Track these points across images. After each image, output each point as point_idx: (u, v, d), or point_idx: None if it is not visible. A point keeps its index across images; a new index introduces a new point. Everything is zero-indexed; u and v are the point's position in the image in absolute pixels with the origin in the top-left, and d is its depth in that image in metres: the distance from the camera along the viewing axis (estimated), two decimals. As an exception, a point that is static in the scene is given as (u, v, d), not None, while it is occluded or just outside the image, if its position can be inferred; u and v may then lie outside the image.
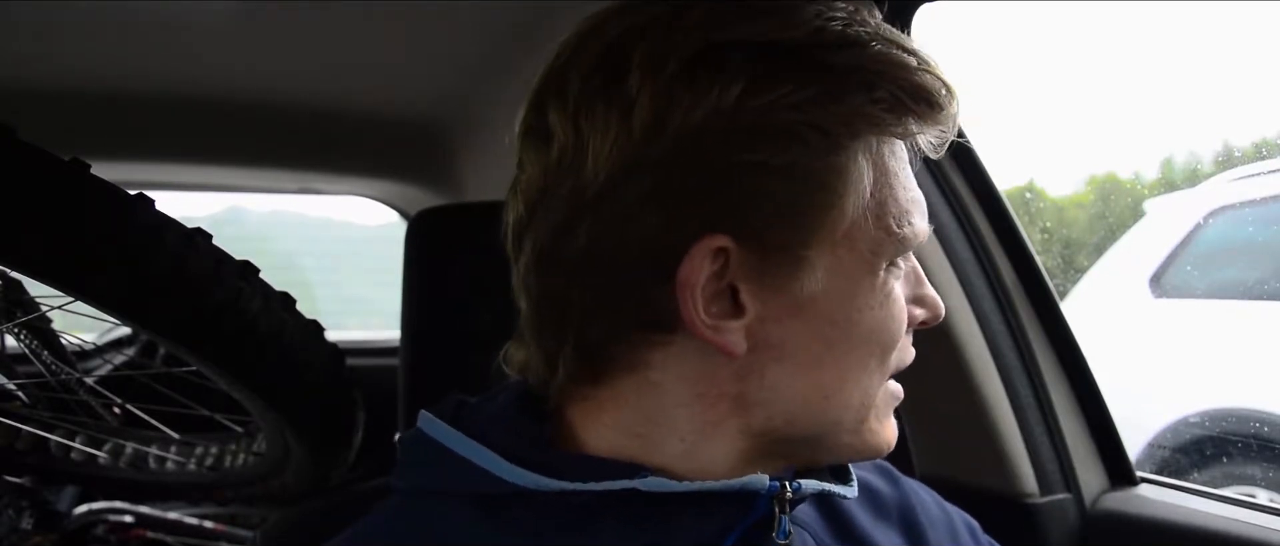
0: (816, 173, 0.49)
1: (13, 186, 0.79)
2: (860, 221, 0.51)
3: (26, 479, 1.43)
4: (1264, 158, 1.54)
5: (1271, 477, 1.59)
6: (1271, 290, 1.56)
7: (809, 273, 0.50)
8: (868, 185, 0.50)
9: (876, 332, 0.52)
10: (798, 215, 0.49)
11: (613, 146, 0.48)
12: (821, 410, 0.53)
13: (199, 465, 1.34)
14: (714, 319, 0.49)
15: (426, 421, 0.56)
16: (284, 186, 2.00)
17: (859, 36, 0.50)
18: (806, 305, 0.51)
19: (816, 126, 0.48)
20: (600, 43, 0.51)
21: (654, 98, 0.48)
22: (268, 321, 0.94)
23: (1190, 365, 1.93)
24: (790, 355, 0.51)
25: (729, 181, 0.48)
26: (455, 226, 0.92)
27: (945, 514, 0.68)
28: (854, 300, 0.51)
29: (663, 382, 0.52)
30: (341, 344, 1.09)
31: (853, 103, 0.49)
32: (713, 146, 0.48)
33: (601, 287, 0.50)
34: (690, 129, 0.47)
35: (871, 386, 0.54)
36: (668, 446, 0.53)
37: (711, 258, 0.49)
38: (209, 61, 1.33)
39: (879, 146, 0.51)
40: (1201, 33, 1.52)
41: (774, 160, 0.48)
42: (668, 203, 0.48)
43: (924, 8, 0.97)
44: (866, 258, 0.51)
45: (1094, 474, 1.05)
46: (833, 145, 0.49)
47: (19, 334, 1.16)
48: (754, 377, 0.52)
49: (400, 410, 0.88)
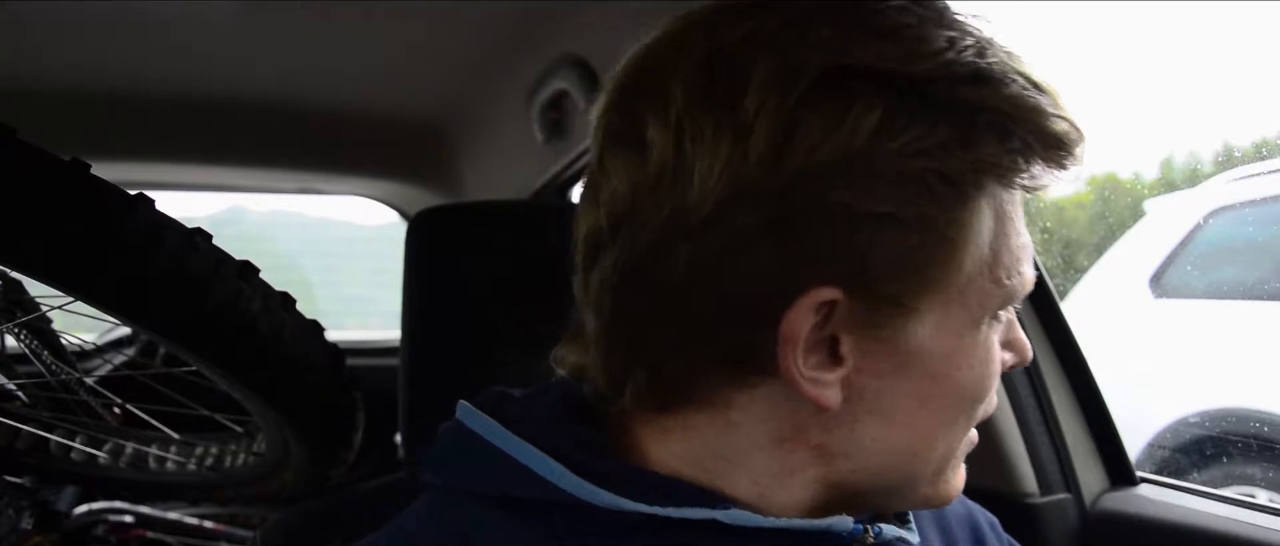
0: (940, 225, 0.45)
1: (13, 187, 0.79)
2: (975, 275, 0.47)
3: (26, 479, 1.43)
4: (1264, 158, 1.54)
5: (1271, 477, 1.59)
6: (1271, 290, 1.55)
7: (916, 327, 0.46)
8: (987, 238, 0.46)
9: (973, 388, 0.49)
10: (915, 270, 0.45)
11: (723, 171, 0.43)
12: (908, 465, 0.50)
13: (199, 465, 1.33)
14: (812, 370, 0.45)
15: (469, 414, 0.52)
16: (284, 186, 2.00)
17: (992, 72, 0.45)
18: (909, 360, 0.47)
19: (946, 176, 0.44)
20: (708, 50, 0.45)
21: (775, 123, 0.42)
22: (268, 321, 0.94)
23: (1190, 365, 1.93)
24: (884, 410, 0.48)
25: (851, 230, 0.43)
26: (455, 226, 0.92)
27: (967, 510, 0.67)
28: (957, 356, 0.48)
29: (742, 424, 0.48)
30: (341, 344, 1.09)
31: (985, 150, 0.44)
32: (838, 189, 0.43)
33: (692, 322, 0.46)
34: (815, 166, 0.42)
35: (957, 440, 0.51)
36: (738, 486, 0.49)
37: (817, 308, 0.44)
38: (209, 61, 1.33)
39: (1001, 194, 0.47)
40: (1201, 33, 1.52)
41: (901, 212, 0.43)
42: (781, 244, 0.43)
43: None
44: (974, 312, 0.48)
45: (1094, 474, 1.05)
46: (960, 196, 0.45)
47: (19, 334, 1.16)
48: (842, 430, 0.48)
49: (400, 410, 0.88)
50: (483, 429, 0.51)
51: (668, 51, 0.47)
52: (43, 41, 1.23)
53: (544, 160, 1.51)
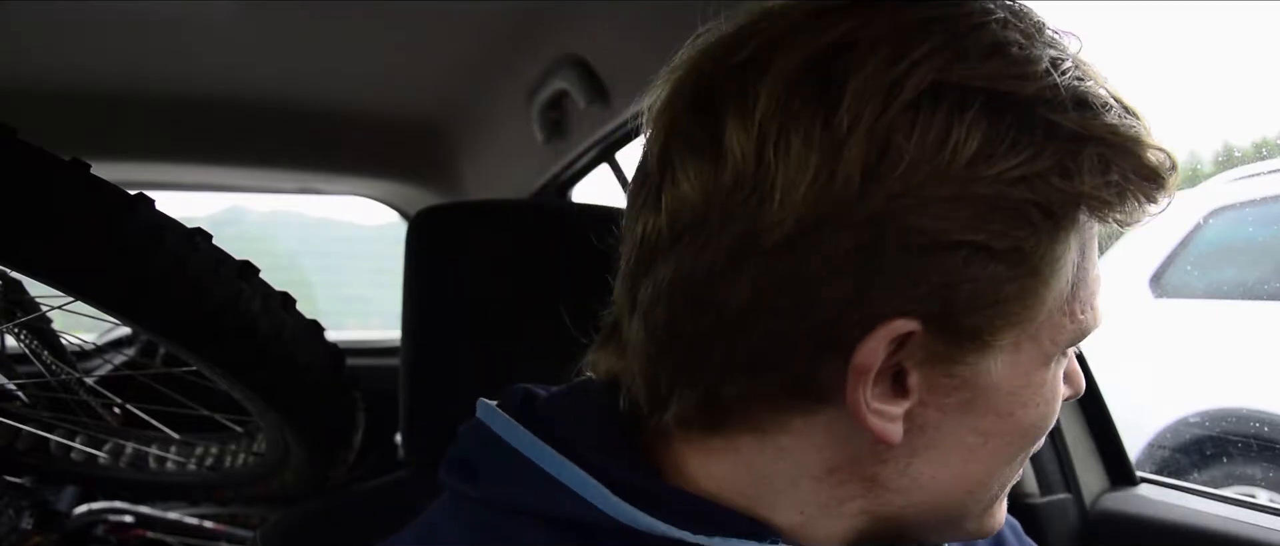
0: (1032, 259, 0.41)
1: (13, 187, 0.79)
2: (1053, 311, 0.44)
3: (26, 479, 1.43)
4: (1264, 158, 1.54)
5: (1271, 477, 1.59)
6: (1271, 290, 1.55)
7: (990, 363, 0.43)
8: (1070, 274, 0.44)
9: (1035, 426, 0.47)
10: (1000, 304, 0.42)
11: (809, 188, 0.39)
12: (960, 503, 0.48)
13: (199, 465, 1.33)
14: (877, 401, 0.42)
15: (493, 416, 0.49)
16: (284, 186, 2.00)
17: (1094, 98, 0.42)
18: (977, 397, 0.44)
19: (1045, 207, 0.41)
20: (803, 54, 0.41)
21: (870, 140, 0.39)
22: (268, 321, 0.94)
23: (1190, 365, 1.93)
24: (944, 445, 0.45)
25: (940, 260, 0.40)
26: (455, 226, 0.92)
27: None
28: (1024, 393, 0.45)
29: (794, 451, 0.45)
30: (341, 344, 1.09)
31: (1085, 182, 0.41)
32: (932, 216, 0.39)
33: (757, 346, 0.42)
34: (911, 188, 0.39)
35: (1011, 477, 0.49)
36: (780, 514, 0.46)
37: (894, 340, 0.41)
38: (209, 61, 1.33)
39: (1092, 231, 0.44)
40: (1201, 33, 1.52)
41: (994, 242, 0.40)
42: (866, 272, 0.40)
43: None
44: (1047, 348, 0.45)
45: (1094, 474, 1.05)
46: (1056, 229, 0.41)
47: (19, 334, 1.16)
48: (898, 463, 0.45)
49: (401, 410, 0.88)
50: (513, 437, 0.48)
51: (755, 49, 0.42)
52: (43, 41, 1.23)
53: (544, 160, 1.51)
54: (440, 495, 0.51)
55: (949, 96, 0.39)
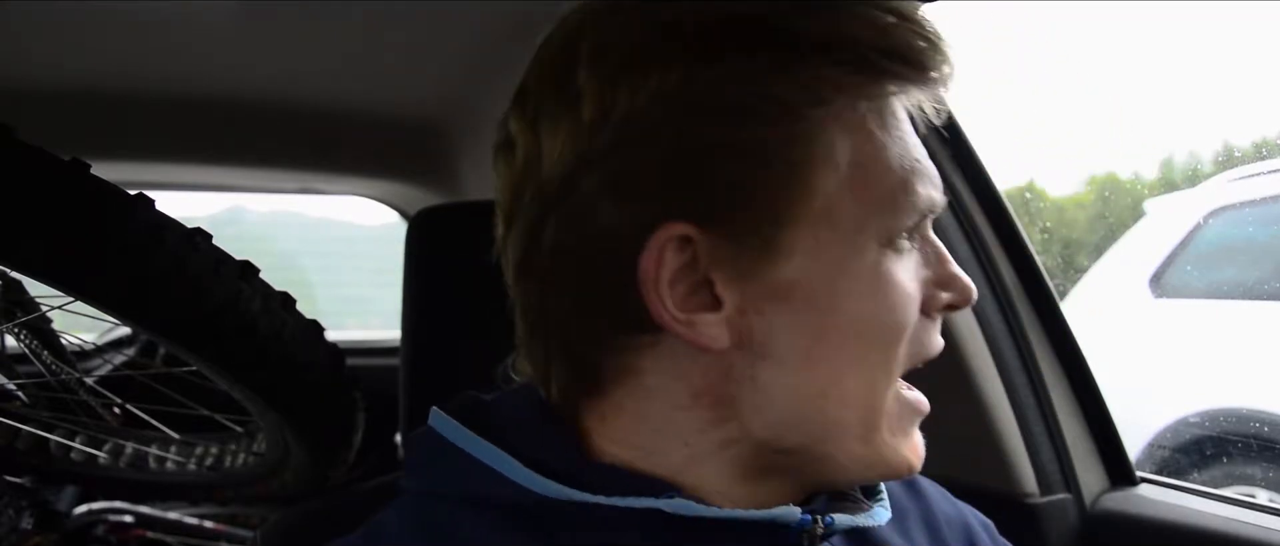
0: (775, 147, 0.46)
1: (13, 187, 0.79)
2: (837, 197, 0.47)
3: (26, 479, 1.43)
4: (1264, 158, 1.54)
5: (1271, 477, 1.59)
6: (1271, 290, 1.56)
7: (786, 257, 0.47)
8: (844, 157, 0.47)
9: (872, 323, 0.48)
10: (759, 194, 0.46)
11: (565, 142, 0.47)
12: (819, 412, 0.49)
13: (199, 465, 1.33)
14: (688, 313, 0.47)
15: (439, 420, 0.53)
16: (284, 186, 2.00)
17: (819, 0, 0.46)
18: (787, 293, 0.47)
19: (771, 97, 0.45)
20: (552, 45, 0.50)
21: (599, 87, 0.46)
22: (268, 321, 0.94)
23: (1190, 365, 1.93)
24: (778, 350, 0.48)
25: (680, 164, 0.46)
26: (455, 226, 0.92)
27: (959, 512, 0.66)
28: (837, 284, 0.47)
29: (658, 386, 0.49)
30: (341, 344, 1.09)
31: (811, 68, 0.46)
32: (659, 129, 0.45)
33: (573, 290, 0.48)
34: (636, 113, 0.45)
35: (876, 386, 0.49)
36: (671, 455, 0.50)
37: (676, 248, 0.46)
38: (209, 61, 1.33)
39: (860, 114, 0.47)
40: (1201, 33, 1.52)
41: (726, 137, 0.45)
42: (620, 193, 0.46)
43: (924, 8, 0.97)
44: (850, 237, 0.47)
45: (1094, 474, 1.05)
46: (792, 115, 0.46)
47: (19, 334, 1.16)
48: (746, 378, 0.48)
49: (400, 410, 0.88)
50: (455, 436, 0.52)
51: (537, 50, 0.51)
52: (43, 41, 1.23)
53: (544, 160, 1.50)
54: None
55: (658, 39, 0.46)
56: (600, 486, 0.48)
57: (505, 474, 0.49)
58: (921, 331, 0.51)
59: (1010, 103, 1.79)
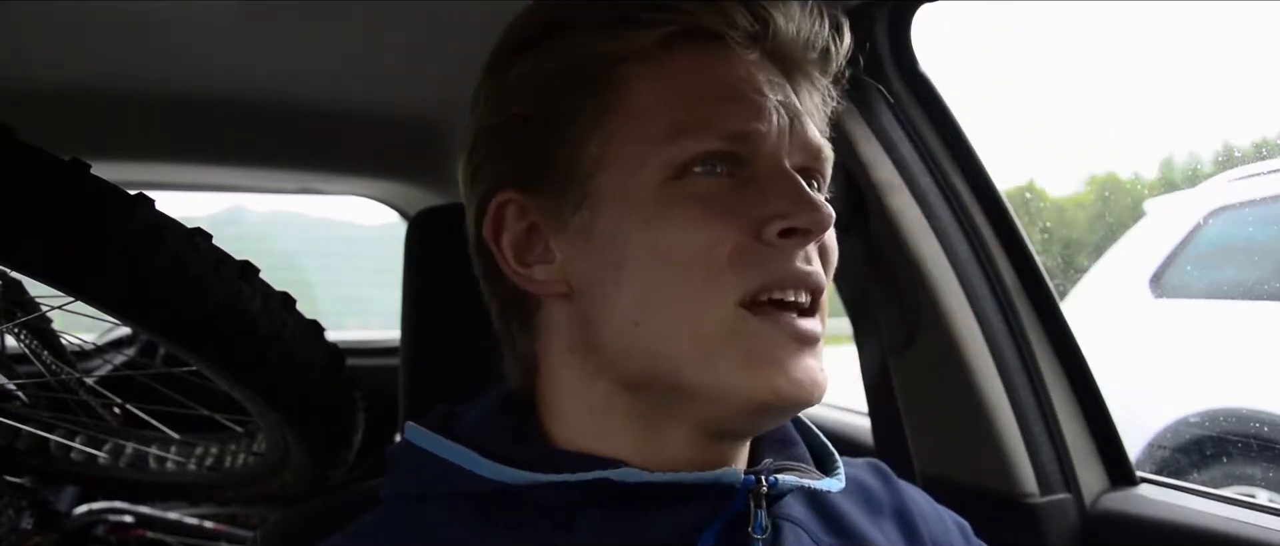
0: (552, 113, 0.54)
1: (13, 187, 0.79)
2: (613, 142, 0.53)
3: (26, 479, 1.43)
4: (1264, 158, 1.54)
5: (1271, 477, 1.59)
6: (1271, 290, 1.55)
7: (587, 204, 0.53)
8: (618, 106, 0.53)
9: (663, 247, 0.51)
10: (549, 154, 0.54)
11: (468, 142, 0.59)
12: (643, 342, 0.51)
13: (199, 465, 1.33)
14: (531, 267, 0.55)
15: (412, 431, 0.57)
16: (284, 186, 2.00)
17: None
18: (589, 234, 0.53)
19: (542, 73, 0.54)
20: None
21: (484, 87, 0.58)
22: (268, 321, 0.94)
23: (1190, 365, 1.93)
24: (596, 290, 0.53)
25: (498, 140, 0.56)
26: (455, 226, 0.91)
27: (938, 514, 0.67)
28: (624, 219, 0.52)
29: (550, 346, 0.56)
30: (341, 344, 1.09)
31: (574, 40, 0.54)
32: (489, 114, 0.56)
33: (482, 272, 0.60)
34: (476, 107, 0.57)
35: (695, 308, 0.50)
36: (579, 415, 0.55)
37: (515, 214, 0.55)
38: (209, 61, 1.32)
39: (635, 64, 0.53)
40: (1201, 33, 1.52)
41: (520, 112, 0.55)
42: (475, 175, 0.58)
43: (924, 8, 0.97)
44: (632, 171, 0.52)
45: (1094, 474, 1.05)
46: (556, 85, 0.54)
47: (19, 334, 1.15)
48: (592, 321, 0.53)
49: (400, 410, 0.88)
50: (424, 442, 0.56)
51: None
52: (43, 41, 1.23)
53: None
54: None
55: (512, 41, 0.57)
56: (550, 466, 0.52)
57: (470, 469, 0.53)
58: (758, 256, 0.51)
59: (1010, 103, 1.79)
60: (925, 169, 1.06)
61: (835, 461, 0.60)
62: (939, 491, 0.71)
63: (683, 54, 0.54)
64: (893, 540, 0.62)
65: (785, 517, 0.56)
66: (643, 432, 0.54)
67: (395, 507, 0.57)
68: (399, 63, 1.38)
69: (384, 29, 1.24)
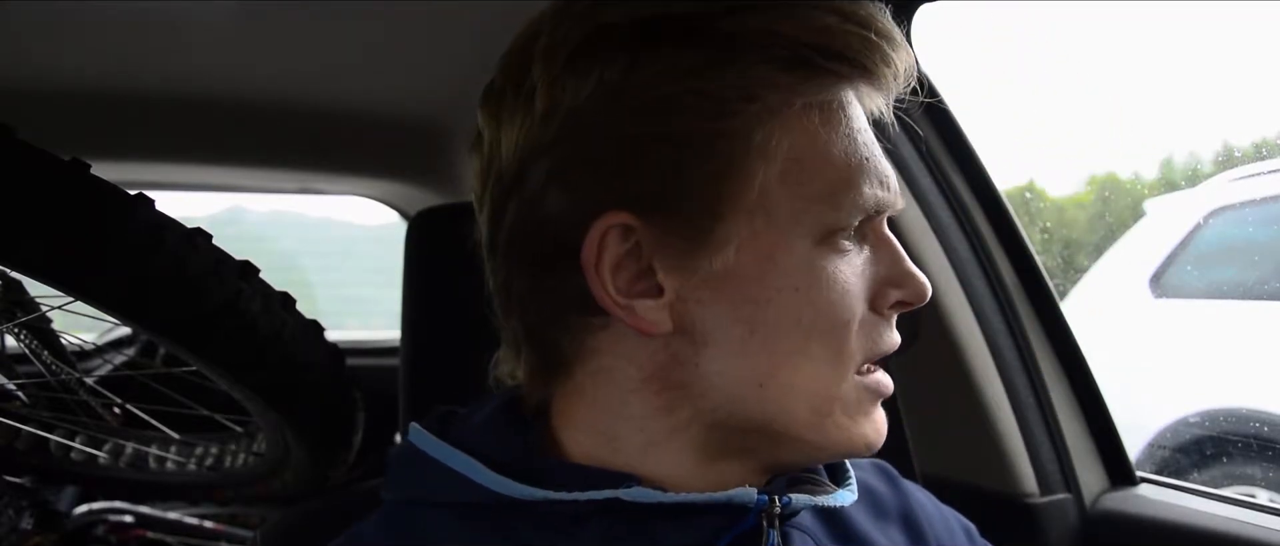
0: (707, 140, 0.48)
1: (13, 187, 0.79)
2: (772, 190, 0.48)
3: (26, 479, 1.43)
4: (1264, 158, 1.54)
5: (1271, 477, 1.59)
6: (1271, 290, 1.55)
7: (720, 248, 0.48)
8: (781, 152, 0.48)
9: (811, 315, 0.49)
10: (693, 186, 0.48)
11: (519, 134, 0.50)
12: (760, 400, 0.50)
13: (199, 465, 1.33)
14: (629, 298, 0.49)
15: (414, 434, 0.56)
16: (284, 186, 2.00)
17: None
18: (721, 282, 0.49)
19: (703, 92, 0.48)
20: (516, 44, 0.53)
21: (549, 83, 0.49)
22: (268, 321, 0.94)
23: (1190, 365, 1.93)
24: (716, 338, 0.49)
25: (618, 155, 0.48)
26: (455, 226, 0.91)
27: (943, 515, 0.67)
28: (771, 278, 0.49)
29: (611, 368, 0.52)
30: (341, 344, 1.09)
31: (744, 65, 0.48)
32: (600, 123, 0.48)
33: (529, 271, 0.52)
34: (578, 107, 0.48)
35: (824, 376, 0.50)
36: (630, 439, 0.52)
37: (619, 236, 0.49)
38: (209, 61, 1.32)
39: (797, 110, 0.48)
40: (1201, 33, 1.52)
41: (660, 130, 0.48)
42: (565, 182, 0.49)
43: (924, 8, 0.97)
44: (785, 230, 0.48)
45: (1094, 474, 1.05)
46: (724, 110, 0.48)
47: (19, 334, 1.16)
48: (690, 364, 0.50)
49: (400, 410, 0.88)
50: (427, 446, 0.54)
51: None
52: (43, 41, 1.23)
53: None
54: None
55: (606, 33, 0.48)
56: (561, 483, 0.50)
57: (472, 477, 0.51)
58: (872, 328, 0.52)
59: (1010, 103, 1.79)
60: (925, 169, 1.06)
61: (847, 471, 0.59)
62: (939, 491, 0.71)
63: (839, 97, 0.50)
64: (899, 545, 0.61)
65: (792, 527, 0.55)
66: (696, 461, 0.52)
67: (395, 512, 0.56)
68: (399, 63, 1.38)
69: (384, 29, 1.24)
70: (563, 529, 0.51)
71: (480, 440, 0.54)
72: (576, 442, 0.54)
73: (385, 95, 1.53)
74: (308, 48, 1.31)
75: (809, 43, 0.48)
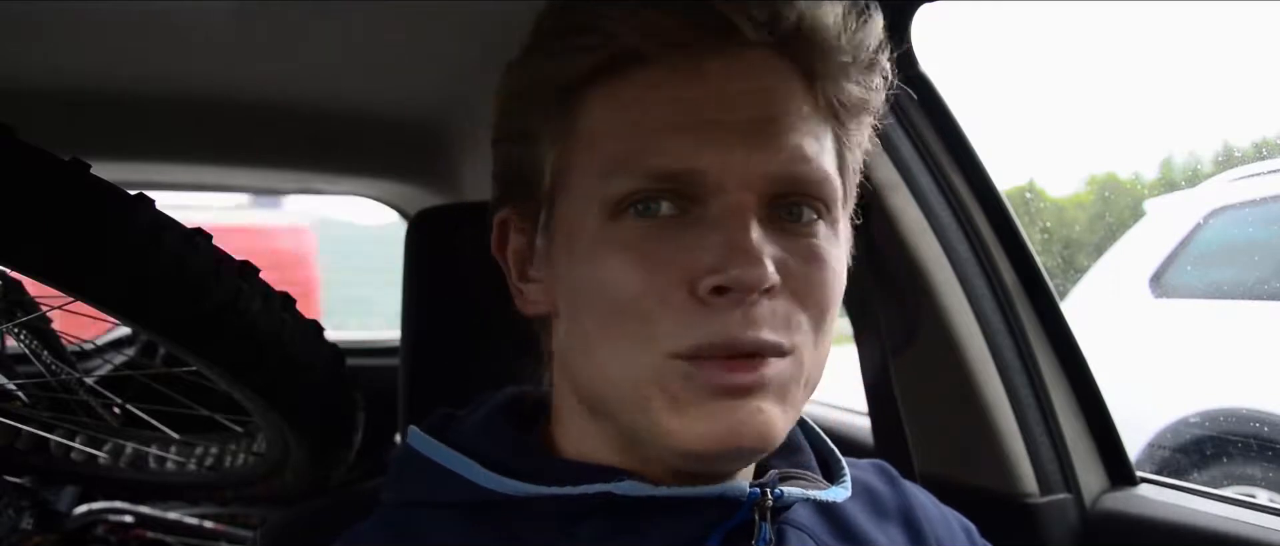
0: (524, 133, 0.53)
1: (13, 187, 0.79)
2: (572, 170, 0.51)
3: (26, 479, 1.43)
4: (1264, 158, 1.54)
5: (1271, 477, 1.59)
6: (1271, 290, 1.55)
7: (549, 232, 0.53)
8: (581, 132, 0.51)
9: (596, 294, 0.48)
10: (525, 176, 0.54)
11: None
12: (590, 378, 0.51)
13: (199, 465, 1.33)
14: (524, 282, 0.56)
15: (413, 436, 0.57)
16: (284, 186, 2.00)
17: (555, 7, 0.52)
18: (552, 262, 0.53)
19: (516, 93, 0.54)
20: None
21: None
22: (268, 321, 0.94)
23: (1190, 365, 1.93)
24: (565, 316, 0.53)
25: (494, 156, 0.57)
26: (455, 226, 0.92)
27: (943, 516, 0.67)
28: (575, 255, 0.50)
29: (554, 361, 0.57)
30: (341, 344, 1.09)
31: (534, 66, 0.52)
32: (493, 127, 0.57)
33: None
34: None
35: (629, 359, 0.48)
36: (575, 429, 0.55)
37: (515, 229, 0.56)
38: (209, 61, 1.32)
39: (602, 94, 0.50)
40: (1201, 33, 1.52)
41: (500, 131, 0.56)
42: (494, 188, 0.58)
43: (924, 8, 0.97)
44: (582, 208, 0.49)
45: (1094, 474, 1.05)
46: (535, 105, 0.52)
47: (19, 334, 1.15)
48: (558, 341, 0.55)
49: (400, 410, 0.88)
50: (425, 448, 0.56)
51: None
52: (43, 41, 1.23)
53: (544, 160, 1.50)
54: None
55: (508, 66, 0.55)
56: (555, 479, 0.51)
57: (468, 477, 0.53)
58: (691, 314, 0.47)
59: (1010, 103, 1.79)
60: (925, 169, 1.06)
61: (841, 468, 0.59)
62: (939, 491, 0.71)
63: (642, 72, 0.49)
64: (899, 544, 0.61)
65: (789, 524, 0.55)
66: (623, 455, 0.52)
67: (394, 512, 0.57)
68: (399, 63, 1.38)
69: (384, 29, 1.24)
70: (561, 526, 0.51)
71: (477, 440, 0.55)
72: (568, 439, 0.55)
73: (385, 95, 1.53)
74: (307, 48, 1.31)
75: (564, 35, 0.51)
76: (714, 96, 0.48)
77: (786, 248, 0.49)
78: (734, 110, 0.48)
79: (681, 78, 0.48)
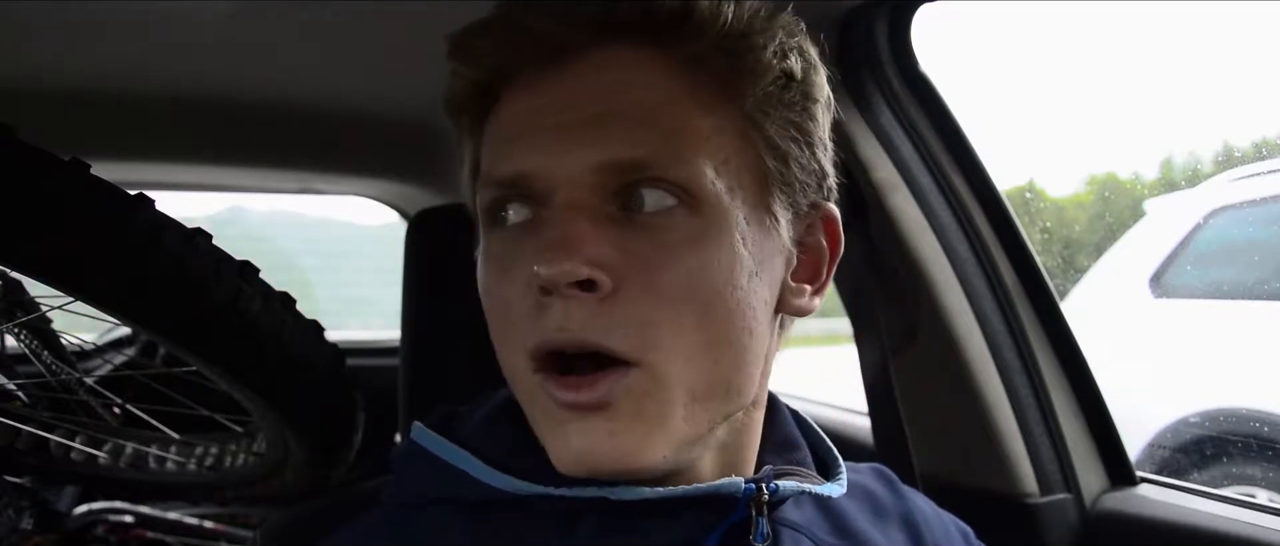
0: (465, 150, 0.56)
1: (12, 187, 0.79)
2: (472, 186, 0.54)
3: (26, 479, 1.43)
4: (1264, 158, 1.54)
5: (1271, 477, 1.59)
6: (1271, 290, 1.55)
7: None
8: (474, 146, 0.55)
9: (485, 305, 0.52)
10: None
11: None
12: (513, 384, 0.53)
13: (199, 465, 1.33)
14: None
15: (417, 431, 0.57)
16: (284, 186, 2.00)
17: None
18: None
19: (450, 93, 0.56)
20: None
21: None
22: (268, 321, 0.94)
23: (1190, 365, 1.93)
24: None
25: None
26: (455, 226, 0.92)
27: (941, 520, 0.67)
28: (481, 264, 0.53)
29: None
30: (341, 344, 1.09)
31: (460, 78, 0.55)
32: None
33: None
34: None
35: (514, 370, 0.50)
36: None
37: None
38: (209, 61, 1.32)
39: (492, 111, 0.53)
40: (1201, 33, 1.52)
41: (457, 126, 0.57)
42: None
43: (924, 8, 0.97)
44: (479, 217, 0.53)
45: (1094, 474, 1.05)
46: (462, 126, 0.56)
47: (19, 334, 1.15)
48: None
49: (400, 410, 0.88)
50: (428, 443, 0.56)
51: None
52: (43, 41, 1.23)
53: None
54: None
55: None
56: (556, 478, 0.50)
57: (472, 474, 0.53)
58: (532, 312, 0.48)
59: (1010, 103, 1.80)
60: (925, 169, 1.06)
61: (838, 466, 0.60)
62: (939, 492, 0.71)
63: (510, 90, 0.51)
64: (898, 545, 0.61)
65: (788, 522, 0.55)
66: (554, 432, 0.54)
67: (396, 508, 0.57)
68: (399, 63, 1.38)
69: (384, 29, 1.24)
70: (559, 525, 0.51)
71: (479, 437, 0.55)
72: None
73: (385, 95, 1.53)
74: (308, 47, 1.31)
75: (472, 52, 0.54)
76: (558, 100, 0.48)
77: (632, 241, 0.47)
78: (575, 109, 0.48)
79: (538, 87, 0.49)
